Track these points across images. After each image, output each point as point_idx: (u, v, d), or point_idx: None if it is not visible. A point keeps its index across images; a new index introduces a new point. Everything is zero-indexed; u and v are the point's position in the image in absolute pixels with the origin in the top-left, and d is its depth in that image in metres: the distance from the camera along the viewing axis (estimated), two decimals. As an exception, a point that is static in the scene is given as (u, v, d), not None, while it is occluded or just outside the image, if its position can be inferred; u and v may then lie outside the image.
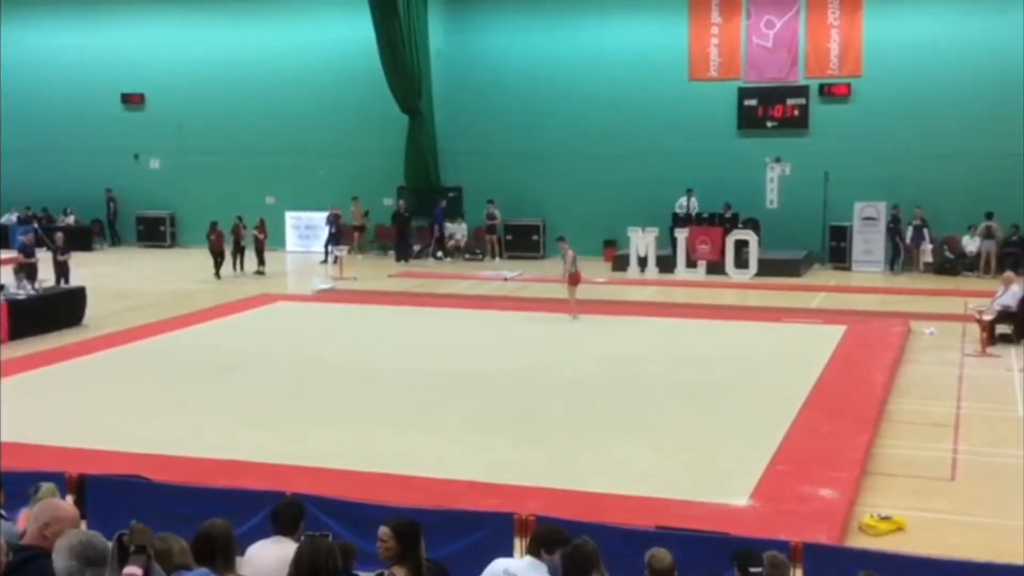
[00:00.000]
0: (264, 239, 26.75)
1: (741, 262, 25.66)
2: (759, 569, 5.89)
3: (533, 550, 5.84)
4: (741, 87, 27.85)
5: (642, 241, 26.36)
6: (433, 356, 16.62)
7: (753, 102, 27.85)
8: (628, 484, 10.28)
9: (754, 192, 27.50)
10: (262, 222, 26.90)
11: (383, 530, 5.55)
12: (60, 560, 4.26)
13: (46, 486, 6.89)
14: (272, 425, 12.71)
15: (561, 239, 21.23)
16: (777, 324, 19.25)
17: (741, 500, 9.92)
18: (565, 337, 18.25)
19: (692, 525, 8.52)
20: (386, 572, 5.44)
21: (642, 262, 26.30)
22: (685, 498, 9.89)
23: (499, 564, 5.89)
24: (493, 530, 8.26)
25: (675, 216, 26.99)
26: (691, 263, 26.06)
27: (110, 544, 4.42)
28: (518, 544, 8.23)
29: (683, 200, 27.44)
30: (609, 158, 28.36)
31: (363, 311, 20.94)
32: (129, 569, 4.08)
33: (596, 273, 25.88)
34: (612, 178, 28.39)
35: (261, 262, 26.44)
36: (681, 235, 26.20)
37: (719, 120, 27.84)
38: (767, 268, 25.40)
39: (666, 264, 26.22)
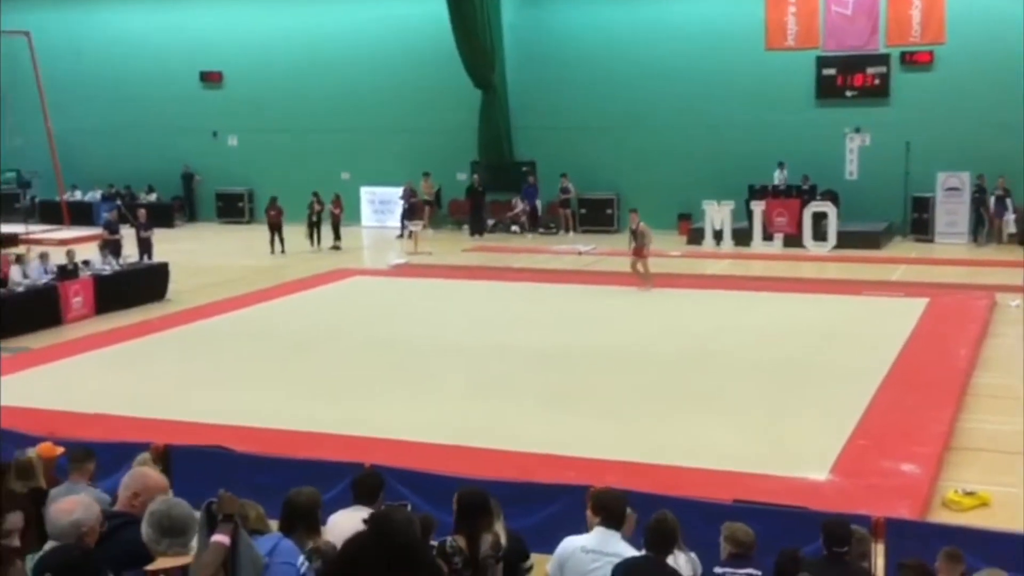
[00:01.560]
0: (340, 214, 27.01)
1: (819, 235, 25.27)
2: (845, 549, 5.82)
3: (606, 520, 5.80)
4: (820, 56, 27.33)
5: (717, 214, 26.08)
6: (508, 330, 16.67)
7: (832, 71, 27.32)
8: (705, 458, 10.22)
9: (833, 163, 27.02)
10: (338, 197, 27.15)
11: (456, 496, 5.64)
12: (144, 528, 4.38)
13: (142, 455, 7.05)
14: (350, 398, 12.88)
15: (633, 210, 21.24)
16: (857, 297, 18.93)
17: (821, 474, 9.82)
18: (640, 311, 18.16)
19: (771, 499, 8.46)
20: (449, 540, 5.50)
21: (717, 235, 26.04)
22: (763, 472, 9.81)
23: (573, 542, 5.84)
24: (569, 503, 8.26)
25: (751, 188, 26.67)
26: (768, 236, 25.73)
27: (194, 513, 4.51)
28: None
29: (776, 172, 27.08)
30: (683, 130, 28.05)
31: (438, 285, 21.06)
32: (217, 536, 4.17)
33: (670, 246, 25.72)
34: (687, 151, 28.08)
35: (337, 237, 26.71)
36: (758, 208, 25.87)
37: (797, 90, 27.36)
38: (846, 240, 24.97)
39: (742, 237, 25.92)
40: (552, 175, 28.97)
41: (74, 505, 4.54)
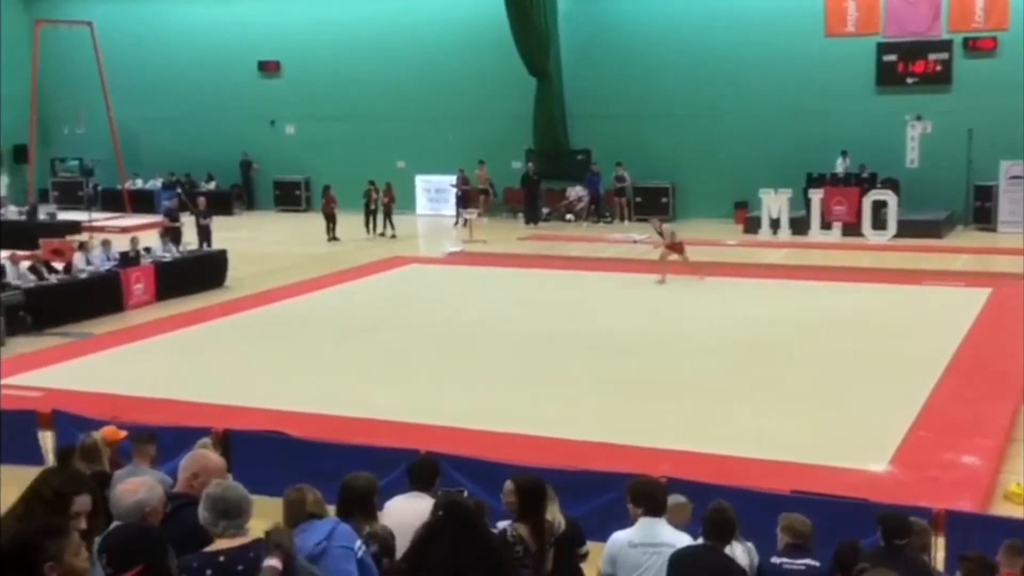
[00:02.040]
0: (391, 203, 27.13)
1: (879, 223, 24.91)
2: (904, 541, 5.75)
3: (648, 510, 5.79)
4: (880, 42, 26.89)
5: (774, 202, 25.82)
6: (562, 318, 16.66)
7: (893, 58, 26.89)
8: (762, 448, 10.14)
9: (893, 151, 26.61)
10: (388, 186, 27.27)
11: (507, 484, 5.66)
12: (200, 510, 4.45)
13: (203, 439, 7.16)
14: (405, 385, 12.95)
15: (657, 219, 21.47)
16: (917, 287, 18.66)
17: (880, 466, 9.71)
18: (695, 300, 18.06)
19: (829, 490, 8.38)
20: (510, 527, 5.52)
21: (774, 224, 25.77)
22: (822, 463, 9.72)
23: (620, 539, 5.83)
24: (624, 492, 8.26)
25: (809, 176, 26.37)
26: (826, 225, 25.42)
27: (249, 496, 4.56)
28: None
29: (839, 160, 26.75)
30: (740, 118, 27.79)
31: (493, 273, 21.09)
32: (270, 561, 4.19)
33: (726, 235, 25.55)
34: (743, 138, 27.82)
35: (390, 225, 26.86)
36: (816, 196, 25.57)
37: (856, 77, 26.96)
38: (906, 229, 24.60)
39: (799, 226, 25.63)
40: (607, 163, 28.86)
41: (137, 486, 4.62)
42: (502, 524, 5.62)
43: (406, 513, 5.69)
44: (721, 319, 16.37)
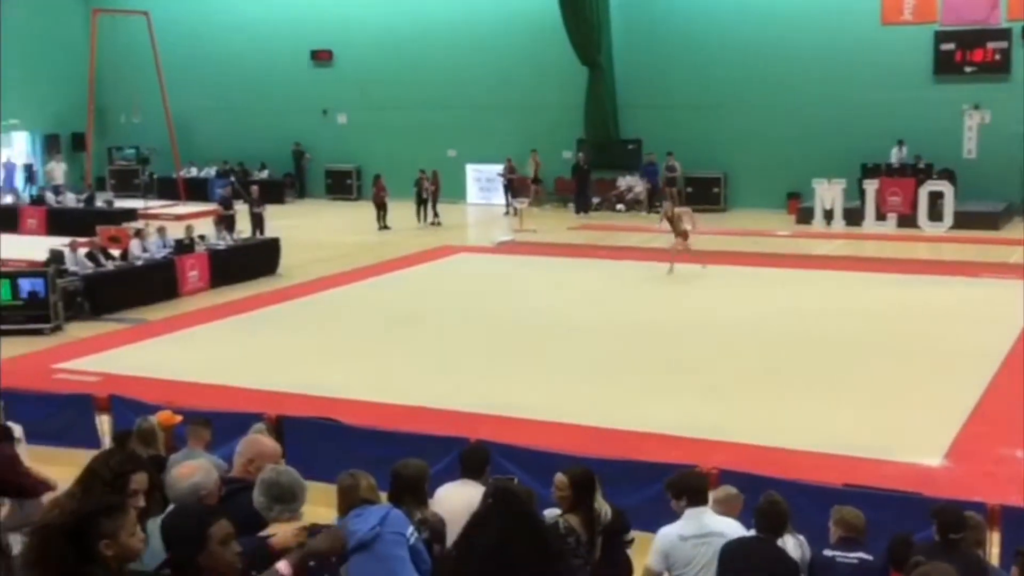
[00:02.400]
0: (437, 191, 27.21)
1: (935, 214, 24.57)
2: (959, 536, 5.68)
3: (691, 500, 5.79)
4: (938, 31, 26.48)
5: (828, 193, 25.56)
6: (613, 308, 16.64)
7: (950, 46, 26.45)
8: (814, 440, 10.06)
9: (950, 141, 26.20)
10: (435, 175, 27.34)
11: (559, 478, 5.65)
12: (255, 495, 4.50)
13: (258, 424, 7.24)
14: (456, 373, 13.01)
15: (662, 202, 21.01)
16: (974, 279, 18.37)
17: (934, 460, 9.60)
18: (747, 290, 17.93)
19: (882, 484, 8.30)
20: (561, 520, 5.52)
21: (828, 215, 25.52)
22: (874, 456, 9.61)
23: (669, 533, 5.82)
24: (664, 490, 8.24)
25: (864, 167, 26.06)
26: (881, 216, 25.12)
27: (303, 481, 4.60)
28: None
29: (895, 150, 26.41)
30: (793, 107, 27.50)
31: (543, 263, 21.08)
32: (279, 565, 4.16)
33: (779, 226, 25.33)
34: (796, 128, 27.53)
35: (435, 214, 26.96)
36: (871, 187, 25.26)
37: (913, 66, 26.57)
38: (963, 221, 24.23)
39: (854, 217, 25.35)
40: (658, 153, 28.71)
41: (193, 470, 4.69)
42: (549, 512, 5.63)
43: (456, 500, 5.72)
44: (773, 310, 16.24)
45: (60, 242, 18.70)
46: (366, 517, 4.93)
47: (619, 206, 29.25)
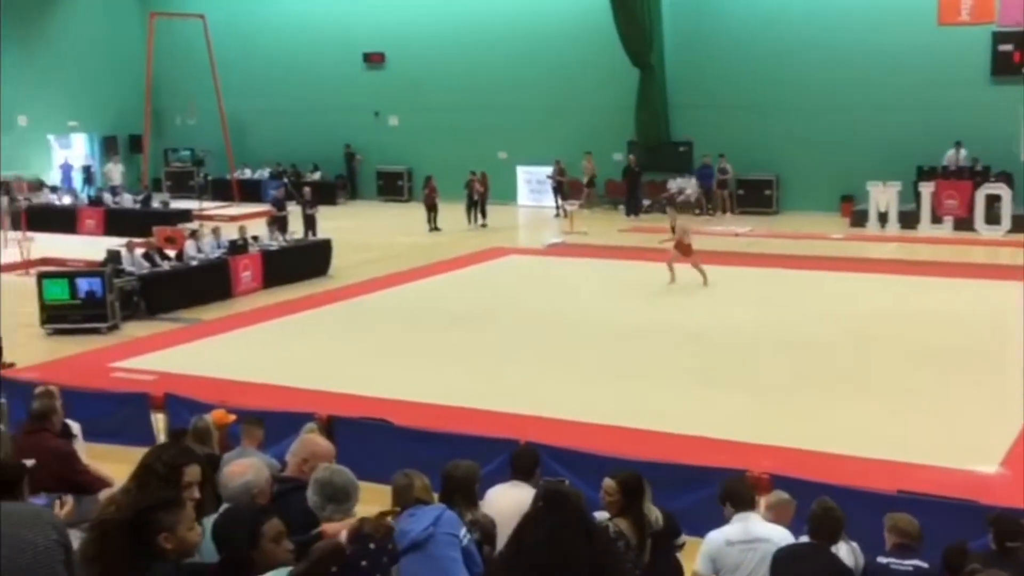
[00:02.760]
0: (485, 193, 27.27)
1: (992, 218, 24.18)
2: (1017, 544, 5.59)
3: (737, 505, 5.77)
4: (996, 31, 26.02)
5: (882, 196, 25.25)
6: (662, 310, 16.58)
7: (1009, 47, 25.98)
8: (866, 446, 9.95)
9: (1008, 143, 25.71)
10: (483, 176, 27.40)
11: (608, 483, 5.63)
12: (309, 494, 4.54)
13: (310, 424, 7.30)
14: (505, 375, 13.03)
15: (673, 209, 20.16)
16: (1032, 284, 18.05)
17: (990, 467, 9.45)
18: (799, 293, 17.78)
19: (937, 491, 8.19)
20: (610, 522, 5.51)
21: (882, 217, 25.22)
22: (928, 463, 9.49)
23: (716, 538, 5.80)
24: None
25: (919, 169, 25.71)
26: (937, 219, 24.77)
27: (356, 481, 4.63)
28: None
29: (951, 152, 26.04)
30: (847, 108, 27.17)
31: (593, 265, 21.05)
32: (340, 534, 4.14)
33: (832, 229, 25.09)
34: (850, 130, 27.21)
35: (483, 215, 27.02)
36: (926, 189, 24.92)
37: (970, 67, 26.15)
38: (1021, 224, 23.80)
39: (909, 220, 25.02)
40: (709, 155, 28.54)
41: (245, 468, 4.74)
42: (598, 516, 5.63)
43: (507, 502, 5.73)
44: (825, 314, 16.09)
45: (117, 242, 19.00)
46: (420, 517, 4.95)
47: (669, 209, 29.07)
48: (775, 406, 11.55)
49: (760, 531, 5.66)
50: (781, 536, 5.67)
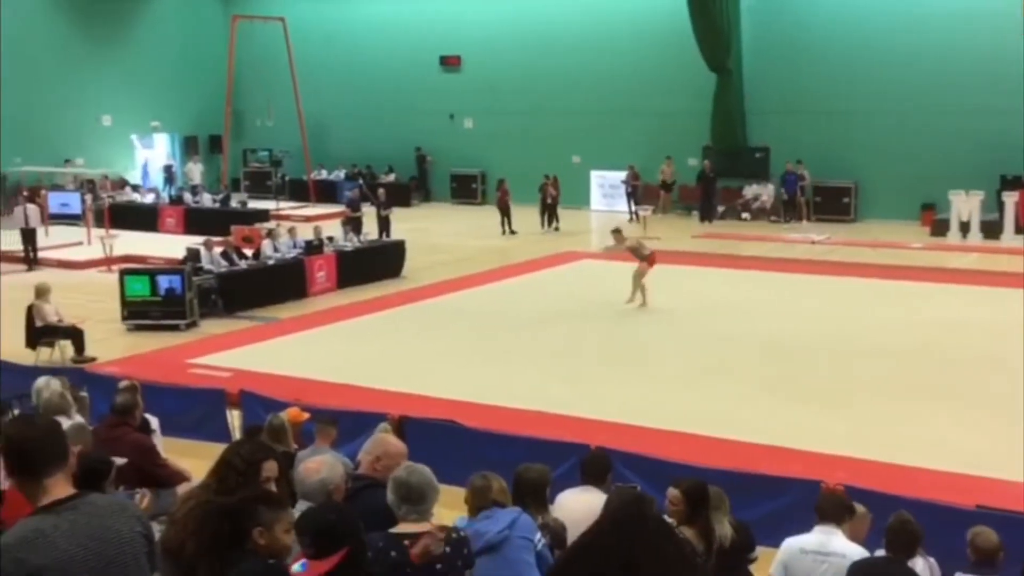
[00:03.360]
0: (557, 196, 27.27)
1: (1079, 229, 23.58)
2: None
3: (823, 519, 5.70)
4: (1086, 36, 25.38)
5: (965, 205, 24.75)
6: (734, 317, 16.42)
7: (1099, 53, 25.31)
8: (943, 459, 9.77)
9: (1096, 153, 25.09)
10: (555, 180, 27.39)
11: (672, 492, 5.59)
12: (388, 491, 4.57)
13: (383, 424, 7.36)
14: (577, 379, 13.01)
15: (616, 230, 18.34)
16: (1120, 297, 17.54)
17: (1073, 484, 9.18)
18: (875, 303, 17.48)
19: (1017, 507, 8.00)
20: (677, 530, 5.46)
21: (964, 227, 24.71)
22: (1008, 478, 9.27)
23: (792, 545, 5.75)
24: (798, 497, 8.09)
25: (1003, 178, 25.14)
26: (1020, 229, 24.21)
27: (434, 482, 4.64)
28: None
29: None
30: (929, 115, 26.66)
31: (665, 271, 20.85)
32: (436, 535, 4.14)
33: (912, 238, 24.65)
34: (932, 137, 26.70)
35: (555, 218, 27.01)
36: (1010, 199, 24.38)
37: (1058, 74, 25.52)
38: (1109, 236, 23.21)
39: (991, 230, 24.50)
40: (786, 161, 28.21)
41: (320, 465, 4.80)
42: None
43: (578, 506, 5.73)
44: (903, 323, 15.82)
45: (196, 241, 19.35)
46: (496, 519, 4.96)
47: (744, 215, 28.85)
48: (850, 416, 11.38)
49: (837, 546, 5.59)
50: (858, 554, 5.59)
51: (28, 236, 21.89)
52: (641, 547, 2.89)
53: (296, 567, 3.73)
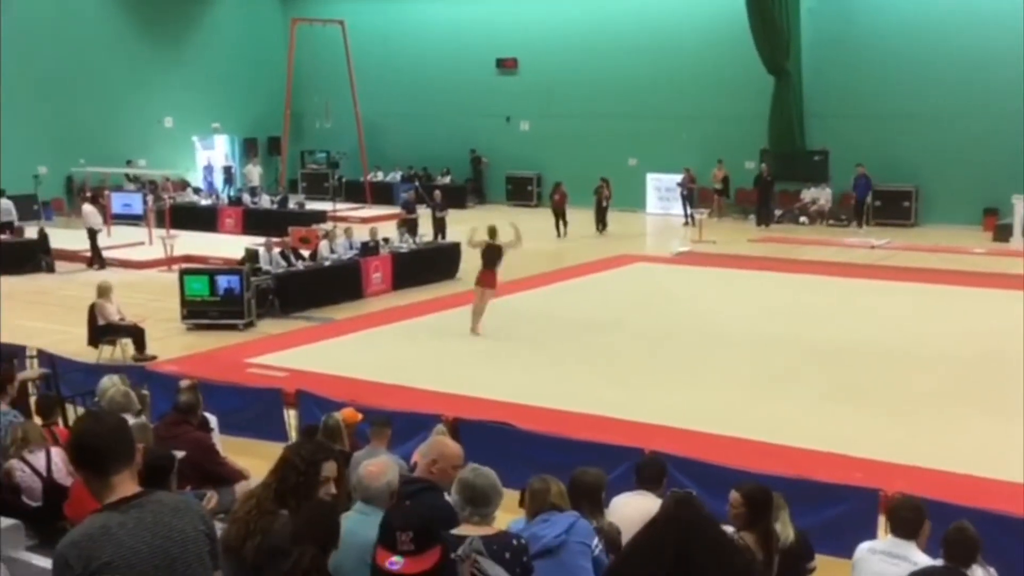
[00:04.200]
0: (609, 198, 27.20)
1: None
2: None
3: (896, 530, 5.62)
4: None
5: (1028, 210, 24.32)
6: (792, 322, 16.27)
7: None
8: (1005, 469, 9.59)
9: None
10: (606, 182, 27.32)
11: (734, 495, 5.55)
12: (453, 492, 4.60)
13: (439, 426, 7.40)
14: (631, 383, 12.98)
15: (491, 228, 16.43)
16: None
17: None
18: (936, 309, 17.25)
19: (1080, 519, 7.84)
20: (737, 535, 5.44)
21: (1027, 232, 24.29)
22: (1071, 489, 9.09)
23: (863, 546, 5.72)
24: (857, 505, 8.02)
25: (1068, 183, 24.68)
26: (1085, 234, 23.74)
27: (499, 485, 4.64)
28: (882, 522, 7.94)
29: None
30: (991, 119, 26.19)
31: (721, 275, 20.80)
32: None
33: (974, 243, 24.26)
34: (994, 141, 26.23)
35: (603, 222, 26.97)
36: (1075, 204, 23.92)
37: None
38: None
39: (1055, 235, 24.05)
40: (845, 164, 27.89)
41: (384, 467, 4.83)
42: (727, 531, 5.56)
43: (633, 511, 5.71)
44: (964, 330, 15.57)
45: (255, 241, 19.56)
46: (553, 524, 4.96)
47: (802, 219, 28.57)
48: (909, 424, 11.24)
49: (906, 551, 5.49)
50: (924, 562, 5.51)
51: (91, 236, 22.25)
52: (694, 545, 2.88)
53: (390, 563, 3.74)
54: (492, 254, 15.75)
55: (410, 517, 3.86)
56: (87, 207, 22.84)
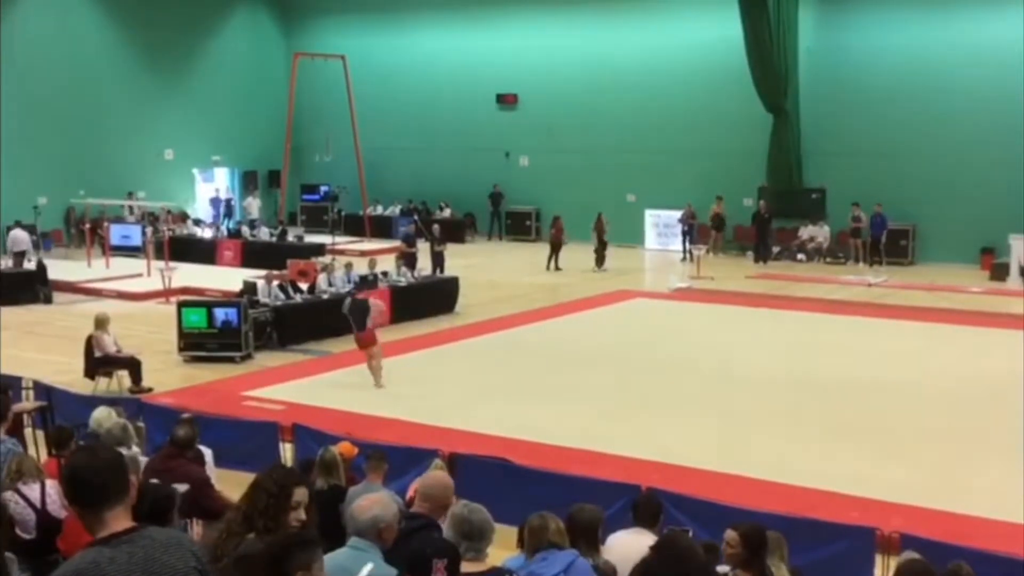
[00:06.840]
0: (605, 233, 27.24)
1: None
2: None
3: None
4: None
5: (1025, 249, 24.36)
6: (789, 359, 16.27)
7: None
8: (1004, 509, 9.56)
9: None
10: (600, 217, 27.33)
11: (730, 534, 5.53)
12: (446, 528, 4.58)
13: (436, 461, 7.37)
14: (627, 419, 12.96)
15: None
16: None
17: None
18: (931, 349, 17.25)
19: (1078, 561, 7.81)
20: (732, 574, 5.41)
21: (1024, 272, 24.32)
22: (1071, 531, 9.06)
23: None
24: (854, 544, 7.99)
25: (1065, 223, 24.73)
26: (1083, 274, 23.76)
27: (492, 521, 4.63)
28: (879, 561, 7.92)
29: None
30: (989, 158, 26.31)
31: (719, 311, 20.80)
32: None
33: (971, 282, 24.29)
34: (992, 180, 26.31)
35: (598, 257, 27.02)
36: (1072, 243, 23.96)
37: (1123, 117, 25.11)
38: None
39: (1053, 275, 24.06)
40: (842, 203, 27.96)
41: (372, 502, 4.81)
42: (722, 570, 5.53)
43: (630, 549, 5.67)
44: (961, 370, 15.58)
45: (253, 274, 19.54)
46: (552, 562, 4.93)
47: (799, 256, 28.62)
48: (907, 463, 11.21)
49: None
50: None
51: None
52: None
53: None
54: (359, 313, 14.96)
55: (442, 545, 3.91)
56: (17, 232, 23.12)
